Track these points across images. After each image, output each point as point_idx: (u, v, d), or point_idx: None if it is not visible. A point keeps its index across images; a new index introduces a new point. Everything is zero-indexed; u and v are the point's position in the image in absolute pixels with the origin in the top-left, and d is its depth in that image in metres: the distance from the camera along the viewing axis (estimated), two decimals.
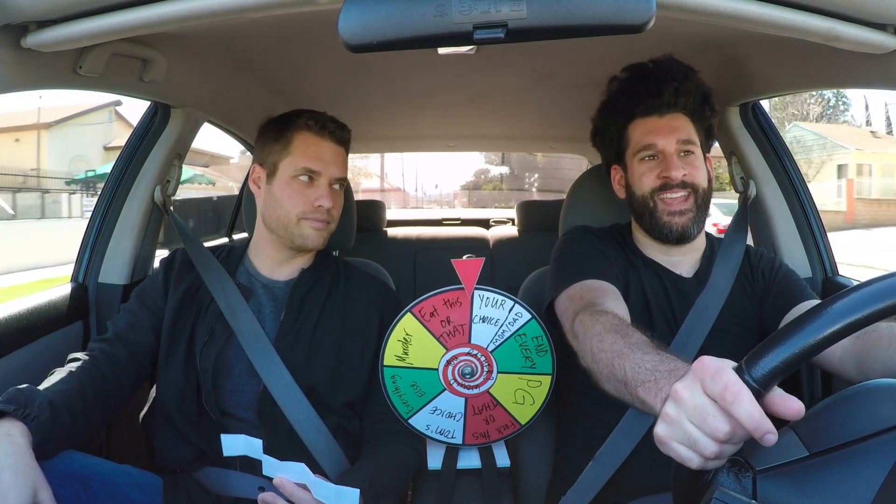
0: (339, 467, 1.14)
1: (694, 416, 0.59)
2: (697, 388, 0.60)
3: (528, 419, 1.24)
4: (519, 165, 16.44)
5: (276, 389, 1.13)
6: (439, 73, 1.58)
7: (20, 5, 0.78)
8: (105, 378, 1.08)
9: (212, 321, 1.17)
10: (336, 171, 1.21)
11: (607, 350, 0.84)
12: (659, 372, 0.72)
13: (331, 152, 1.21)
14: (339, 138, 1.23)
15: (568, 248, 1.21)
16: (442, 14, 0.66)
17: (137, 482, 1.04)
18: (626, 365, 0.78)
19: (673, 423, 0.61)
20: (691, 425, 0.59)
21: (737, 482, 0.59)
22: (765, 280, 1.19)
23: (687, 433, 0.59)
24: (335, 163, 1.21)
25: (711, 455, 0.58)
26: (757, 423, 0.55)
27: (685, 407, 0.60)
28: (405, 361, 1.20)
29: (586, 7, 0.66)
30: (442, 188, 18.23)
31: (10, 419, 0.87)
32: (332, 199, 1.20)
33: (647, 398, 0.71)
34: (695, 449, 0.59)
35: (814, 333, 0.54)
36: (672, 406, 0.62)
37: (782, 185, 1.46)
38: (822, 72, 1.11)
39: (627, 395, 0.77)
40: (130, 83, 1.19)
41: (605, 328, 0.89)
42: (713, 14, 0.75)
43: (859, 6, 0.78)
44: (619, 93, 1.20)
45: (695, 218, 1.13)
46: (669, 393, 0.63)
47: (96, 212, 1.49)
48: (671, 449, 0.61)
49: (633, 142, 1.17)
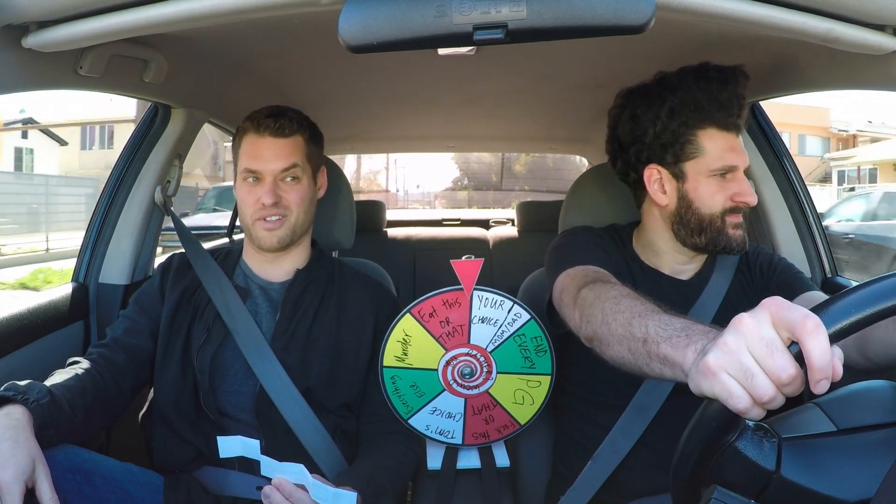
0: (336, 467, 1.14)
1: (757, 349, 0.54)
2: (766, 319, 0.54)
3: (528, 419, 1.24)
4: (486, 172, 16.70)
5: (273, 390, 1.13)
6: (439, 74, 1.58)
7: (21, 5, 0.78)
8: (104, 380, 1.08)
9: (209, 322, 1.17)
10: (279, 164, 1.18)
11: (624, 311, 0.79)
12: (692, 329, 0.67)
13: (270, 148, 1.19)
14: (279, 131, 1.19)
15: (567, 239, 1.19)
16: (442, 15, 0.66)
17: (139, 479, 1.04)
18: (648, 323, 0.73)
19: (730, 353, 0.55)
20: (751, 358, 0.54)
21: (759, 446, 0.57)
22: (763, 276, 1.18)
23: (744, 366, 0.54)
24: (277, 157, 1.18)
25: (764, 398, 0.53)
26: (826, 362, 0.50)
27: (749, 336, 0.54)
28: (404, 362, 1.20)
29: (586, 8, 0.66)
30: (423, 188, 18.56)
31: (11, 404, 0.89)
32: (274, 194, 1.17)
33: (673, 353, 0.66)
34: (748, 386, 0.53)
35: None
36: (732, 334, 0.55)
37: (781, 186, 1.47)
38: (822, 73, 1.11)
39: (644, 354, 0.72)
40: (131, 83, 1.19)
41: (621, 294, 0.85)
42: (713, 15, 0.75)
43: (858, 7, 0.78)
44: (696, 89, 1.07)
45: (745, 232, 1.11)
46: (708, 344, 0.58)
47: (97, 212, 1.50)
48: (719, 382, 0.55)
49: (709, 155, 1.07)
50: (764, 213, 1.48)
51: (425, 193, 17.80)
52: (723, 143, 1.07)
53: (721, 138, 1.07)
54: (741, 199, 1.07)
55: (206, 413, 1.14)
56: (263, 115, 1.20)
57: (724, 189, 1.07)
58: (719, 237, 1.08)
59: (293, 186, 1.21)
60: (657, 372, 0.70)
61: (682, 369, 0.64)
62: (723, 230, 1.08)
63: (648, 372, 0.72)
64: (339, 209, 1.43)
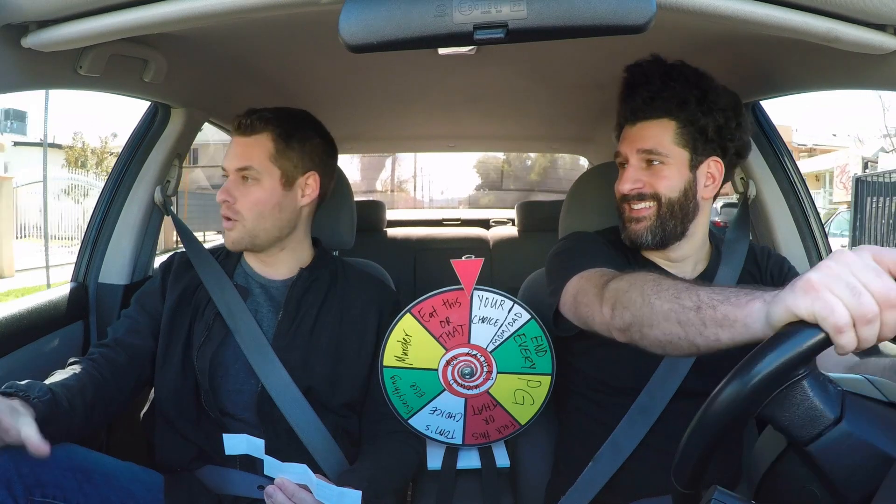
0: (338, 467, 1.14)
1: (861, 272, 0.55)
2: (866, 254, 0.56)
3: (528, 419, 1.24)
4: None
5: (274, 390, 1.13)
6: (439, 74, 1.58)
7: (20, 5, 0.78)
8: (104, 379, 1.08)
9: (209, 321, 1.17)
10: (235, 161, 1.16)
11: (669, 288, 0.77)
12: (749, 290, 0.67)
13: (234, 146, 1.18)
14: (243, 129, 1.17)
15: (571, 244, 1.19)
16: (442, 14, 0.66)
17: (139, 478, 1.04)
18: (699, 292, 0.71)
19: (833, 275, 0.56)
20: (856, 279, 0.55)
21: (825, 390, 0.56)
22: (774, 281, 1.19)
23: (850, 284, 0.54)
24: (235, 154, 1.16)
25: (869, 316, 0.54)
26: None
27: (851, 263, 0.56)
28: (405, 362, 1.20)
29: (586, 7, 0.66)
30: (447, 194, 18.98)
31: (13, 399, 0.89)
32: (226, 192, 1.15)
33: (734, 310, 0.65)
34: (854, 303, 0.54)
35: None
36: (834, 261, 0.57)
37: (782, 186, 1.46)
38: (823, 73, 1.11)
39: (697, 322, 0.70)
40: (131, 83, 1.19)
41: (659, 277, 0.83)
42: (713, 14, 0.75)
43: (859, 6, 0.78)
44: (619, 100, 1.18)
45: (651, 227, 1.11)
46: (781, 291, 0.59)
47: (96, 212, 1.50)
48: (822, 299, 0.55)
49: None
50: (764, 212, 1.48)
51: (449, 199, 18.13)
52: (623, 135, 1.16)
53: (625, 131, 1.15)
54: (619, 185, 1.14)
55: (208, 412, 1.14)
56: (241, 115, 1.18)
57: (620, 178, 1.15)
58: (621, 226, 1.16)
59: (248, 189, 1.16)
60: (712, 338, 0.68)
61: (746, 324, 0.63)
62: (622, 218, 1.15)
63: (701, 342, 0.70)
64: (340, 209, 1.43)
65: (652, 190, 1.10)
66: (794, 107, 52.48)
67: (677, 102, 1.09)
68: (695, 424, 0.60)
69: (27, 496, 0.87)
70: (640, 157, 1.11)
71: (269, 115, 1.18)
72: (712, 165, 1.13)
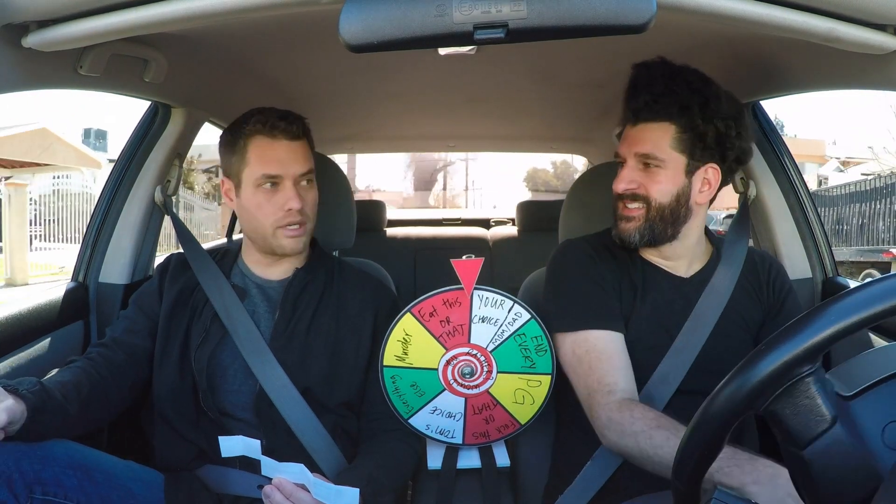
0: (337, 467, 1.14)
1: None
2: None
3: (528, 419, 1.24)
4: None
5: (272, 390, 1.13)
6: (439, 73, 1.58)
7: (21, 5, 0.78)
8: (102, 377, 1.08)
9: (207, 322, 1.17)
10: (298, 167, 1.16)
11: (663, 446, 0.91)
12: (737, 458, 0.82)
13: (286, 150, 1.16)
14: (293, 133, 1.16)
15: (563, 277, 1.19)
16: (442, 14, 0.66)
17: (140, 477, 1.04)
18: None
19: None
20: None
21: (822, 387, 0.56)
22: (775, 295, 1.19)
23: None
24: (295, 160, 1.16)
25: None
26: None
27: None
28: (405, 361, 1.20)
29: (587, 7, 0.66)
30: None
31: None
32: (299, 198, 1.15)
33: (729, 482, 0.80)
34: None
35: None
36: None
37: (782, 186, 1.46)
38: (823, 73, 1.11)
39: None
40: (131, 83, 1.19)
41: (648, 426, 0.96)
42: (713, 14, 0.75)
43: (859, 6, 0.78)
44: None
45: (640, 227, 1.12)
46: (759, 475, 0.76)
47: (97, 211, 1.50)
48: None
49: None
50: (764, 213, 1.48)
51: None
52: (625, 134, 1.17)
53: (627, 130, 1.16)
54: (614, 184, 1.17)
55: (207, 413, 1.14)
56: (274, 117, 1.16)
57: (616, 176, 1.17)
58: (614, 224, 1.18)
59: (310, 190, 1.20)
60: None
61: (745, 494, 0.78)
62: (615, 216, 1.17)
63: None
64: (340, 209, 1.43)
65: (645, 192, 1.11)
66: (829, 120, 52.63)
67: (679, 107, 1.08)
68: (695, 423, 0.60)
69: (28, 494, 0.87)
70: (637, 159, 1.12)
71: (297, 118, 1.20)
72: (709, 172, 1.12)
